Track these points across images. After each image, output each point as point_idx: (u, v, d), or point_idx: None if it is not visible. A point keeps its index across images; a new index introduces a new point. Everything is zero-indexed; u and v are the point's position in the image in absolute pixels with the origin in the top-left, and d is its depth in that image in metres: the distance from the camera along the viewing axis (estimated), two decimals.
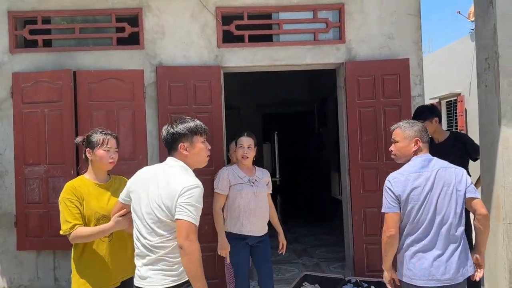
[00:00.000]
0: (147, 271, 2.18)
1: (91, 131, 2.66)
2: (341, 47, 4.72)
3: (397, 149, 2.55)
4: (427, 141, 2.52)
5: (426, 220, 2.35)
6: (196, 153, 2.29)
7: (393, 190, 2.40)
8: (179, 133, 2.26)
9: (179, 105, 4.53)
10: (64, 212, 2.44)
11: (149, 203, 2.19)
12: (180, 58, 4.62)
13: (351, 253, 4.75)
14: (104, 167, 2.59)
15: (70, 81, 4.44)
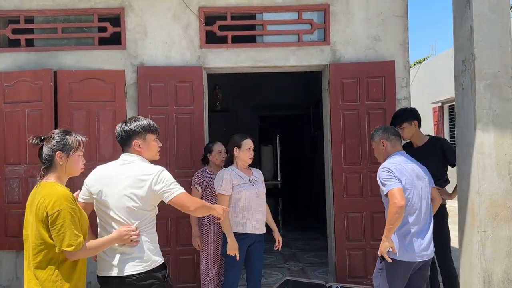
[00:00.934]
0: (121, 261, 2.33)
1: (56, 131, 2.30)
2: (325, 48, 4.64)
3: (376, 154, 3.18)
4: (392, 139, 3.04)
5: (418, 205, 2.83)
6: (148, 150, 2.50)
7: (394, 172, 2.81)
8: (134, 131, 2.47)
9: (160, 105, 4.48)
10: (69, 224, 2.11)
11: (118, 197, 2.35)
12: (162, 59, 4.58)
13: (333, 258, 4.66)
14: (75, 173, 2.32)
15: (50, 81, 4.42)
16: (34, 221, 2.15)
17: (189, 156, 4.49)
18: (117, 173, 2.41)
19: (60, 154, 2.21)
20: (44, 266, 2.13)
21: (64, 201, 2.11)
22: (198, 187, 3.85)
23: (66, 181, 2.29)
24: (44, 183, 2.21)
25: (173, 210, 4.23)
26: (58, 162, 2.21)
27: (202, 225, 3.86)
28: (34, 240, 2.14)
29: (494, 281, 2.85)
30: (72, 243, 2.09)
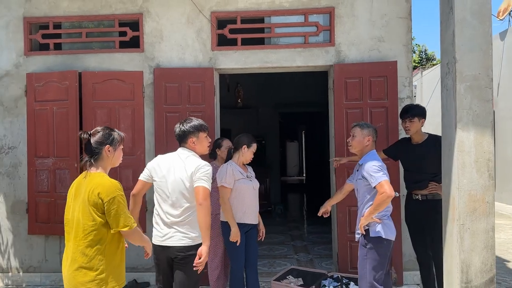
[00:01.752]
0: (172, 233, 2.94)
1: (100, 128, 2.59)
2: (330, 49, 4.86)
3: (354, 142, 3.42)
4: (375, 140, 3.44)
5: None
6: (201, 145, 3.13)
7: (382, 166, 3.21)
8: (189, 131, 3.07)
9: (174, 104, 4.83)
10: (122, 208, 2.43)
11: (175, 182, 2.94)
12: (176, 60, 4.92)
13: (336, 249, 4.89)
14: (117, 165, 2.65)
15: (75, 81, 4.85)
16: (84, 206, 2.42)
17: None
18: (178, 164, 2.99)
19: (108, 148, 2.53)
20: (94, 244, 2.41)
21: (116, 189, 2.42)
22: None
23: (108, 171, 2.59)
24: (94, 173, 2.48)
25: None
26: (106, 154, 2.53)
27: None
28: (86, 222, 2.41)
29: (472, 271, 3.02)
30: (127, 223, 2.43)
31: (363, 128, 3.38)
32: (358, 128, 3.41)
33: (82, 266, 2.41)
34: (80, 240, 2.43)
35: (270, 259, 5.92)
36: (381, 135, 4.68)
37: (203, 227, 2.87)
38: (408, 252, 4.75)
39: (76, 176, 4.75)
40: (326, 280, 4.52)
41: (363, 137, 3.36)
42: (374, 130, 3.44)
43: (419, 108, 4.01)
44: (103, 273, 2.42)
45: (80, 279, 2.41)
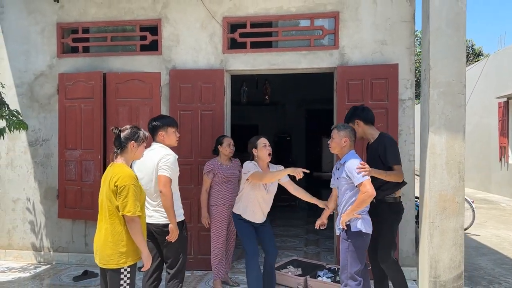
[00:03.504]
0: (153, 213, 3.47)
1: (128, 126, 2.99)
2: (334, 52, 5.07)
3: (333, 144, 3.54)
4: (353, 140, 3.52)
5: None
6: (169, 139, 3.62)
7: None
8: (159, 126, 3.60)
9: (187, 103, 5.24)
10: (131, 196, 2.76)
11: (147, 174, 3.45)
12: (190, 63, 5.32)
13: (335, 243, 5.13)
14: (138, 159, 3.09)
15: (100, 82, 5.36)
16: (108, 190, 2.81)
17: (210, 147, 5.17)
18: (147, 156, 3.40)
19: (133, 143, 2.93)
20: (117, 223, 2.81)
21: (129, 179, 2.79)
22: (208, 175, 4.54)
23: (130, 164, 3.02)
24: (116, 164, 2.90)
25: (195, 193, 5.06)
26: (130, 149, 2.93)
27: (210, 206, 4.55)
28: (109, 205, 2.81)
29: (440, 266, 3.21)
30: (131, 209, 2.75)
31: (340, 130, 3.52)
32: (336, 130, 3.56)
33: (108, 240, 2.81)
34: (107, 219, 2.84)
35: (279, 251, 6.21)
36: None
37: (165, 210, 3.38)
38: (405, 248, 4.91)
39: (99, 167, 5.32)
40: (322, 271, 4.79)
41: (340, 138, 3.50)
42: (352, 130, 3.54)
43: (349, 114, 3.88)
44: (125, 247, 2.81)
45: (107, 252, 2.81)
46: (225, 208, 4.55)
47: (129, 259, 2.84)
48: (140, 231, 2.84)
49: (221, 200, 4.54)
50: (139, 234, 2.83)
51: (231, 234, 4.70)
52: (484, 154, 14.09)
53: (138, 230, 2.82)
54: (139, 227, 2.84)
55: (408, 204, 4.93)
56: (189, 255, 5.20)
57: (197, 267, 5.21)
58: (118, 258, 2.81)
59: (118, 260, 2.81)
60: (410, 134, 4.95)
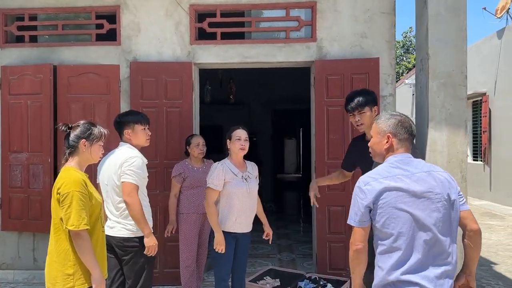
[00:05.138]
0: (115, 224, 3.00)
1: (82, 122, 2.55)
2: (312, 45, 4.73)
3: (371, 145, 2.20)
4: (404, 139, 2.08)
5: (411, 236, 1.89)
6: (136, 137, 3.14)
7: (363, 198, 1.97)
8: (124, 122, 3.13)
9: (150, 99, 4.71)
10: (76, 205, 2.30)
11: (110, 178, 2.99)
12: (154, 54, 4.80)
13: (315, 250, 4.78)
14: (94, 161, 2.57)
15: (50, 75, 4.73)
16: (53, 200, 2.39)
17: (177, 148, 4.70)
18: (109, 158, 3.06)
19: (84, 142, 2.47)
20: (63, 239, 2.35)
21: (74, 185, 2.31)
22: (177, 178, 4.06)
23: (85, 167, 2.53)
24: (65, 167, 2.44)
25: (161, 199, 4.54)
26: (81, 149, 2.46)
27: (179, 214, 4.07)
28: (54, 217, 2.38)
29: None
30: (74, 222, 2.27)
31: (380, 123, 2.19)
32: (375, 123, 2.26)
33: (53, 260, 2.38)
34: (53, 235, 2.40)
35: (252, 259, 5.81)
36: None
37: (136, 222, 2.94)
38: None
39: (49, 172, 4.69)
40: (303, 282, 4.41)
41: (381, 136, 2.17)
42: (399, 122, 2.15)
43: (367, 94, 3.04)
44: (72, 268, 2.35)
45: (53, 273, 2.38)
46: (196, 216, 4.08)
47: (78, 282, 2.34)
48: (88, 248, 2.33)
49: (192, 207, 4.07)
50: (87, 252, 2.33)
51: (202, 244, 4.24)
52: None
53: (86, 248, 2.32)
54: (87, 244, 2.33)
55: None
56: (155, 269, 4.67)
57: (164, 281, 4.69)
58: (64, 281, 2.33)
59: (64, 284, 2.33)
60: None
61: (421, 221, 1.88)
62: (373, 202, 1.94)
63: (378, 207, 1.92)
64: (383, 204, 1.92)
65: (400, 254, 1.88)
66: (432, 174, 1.97)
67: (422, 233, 1.88)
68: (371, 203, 1.94)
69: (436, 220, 1.89)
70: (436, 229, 1.89)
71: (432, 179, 1.95)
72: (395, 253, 1.89)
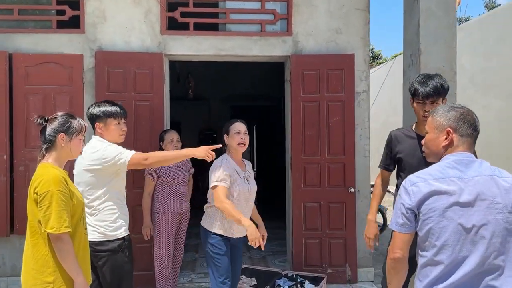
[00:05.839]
0: (88, 226, 2.61)
1: (60, 114, 2.32)
2: (287, 39, 4.65)
3: (425, 143, 1.90)
4: (468, 135, 1.77)
5: (458, 250, 1.64)
6: (108, 133, 2.80)
7: (408, 201, 1.72)
8: (96, 115, 2.79)
9: (118, 92, 4.42)
10: (57, 206, 2.08)
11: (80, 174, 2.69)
12: (121, 44, 4.51)
13: (290, 247, 4.72)
14: (74, 156, 2.35)
15: (5, 64, 4.30)
16: (29, 201, 2.15)
17: (148, 143, 4.45)
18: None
19: (62, 136, 2.25)
20: (41, 243, 2.13)
21: (53, 183, 2.09)
22: (151, 176, 3.83)
23: (64, 163, 2.31)
24: (42, 164, 2.22)
25: (132, 198, 4.27)
26: (59, 143, 2.24)
27: (154, 214, 3.85)
28: (31, 219, 2.15)
29: None
30: (54, 225, 2.06)
31: (437, 116, 1.86)
32: (431, 117, 1.91)
33: (30, 267, 2.15)
34: (29, 239, 2.17)
35: None
36: (337, 130, 4.56)
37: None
38: (362, 249, 4.67)
39: (4, 170, 4.27)
40: (281, 280, 4.34)
41: (439, 132, 1.84)
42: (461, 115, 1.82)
43: (445, 81, 2.50)
44: (52, 276, 2.12)
45: (30, 281, 2.15)
46: (172, 215, 3.88)
47: None
48: (70, 253, 2.11)
49: (167, 206, 3.86)
50: (69, 257, 2.10)
51: (179, 245, 4.03)
52: None
53: (67, 252, 2.10)
54: (69, 248, 2.11)
55: (364, 202, 4.70)
56: None
57: (135, 285, 4.42)
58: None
59: None
60: (365, 128, 4.72)
61: (472, 233, 1.60)
62: (417, 207, 1.68)
63: (423, 213, 1.67)
64: (429, 210, 1.65)
65: (442, 268, 1.63)
66: (495, 180, 1.66)
67: (471, 248, 1.60)
68: (416, 207, 1.68)
69: (492, 234, 1.60)
70: (490, 244, 1.60)
71: (494, 185, 1.65)
72: (437, 267, 1.64)
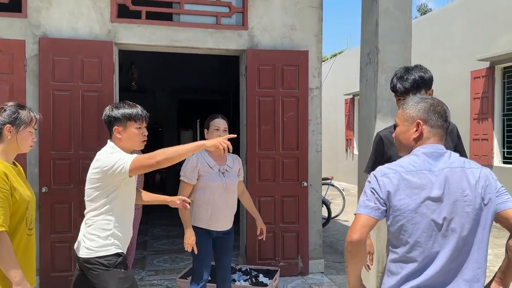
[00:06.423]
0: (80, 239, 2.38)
1: (10, 104, 2.16)
2: (243, 33, 4.63)
3: (395, 136, 1.83)
4: (438, 126, 1.72)
5: (430, 246, 1.60)
6: (128, 138, 2.40)
7: (376, 189, 1.65)
8: (114, 117, 2.39)
9: (64, 81, 4.16)
10: None
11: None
12: (68, 31, 4.24)
13: (244, 241, 4.73)
14: (23, 150, 2.18)
15: None
16: None
17: (96, 137, 4.24)
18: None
19: (9, 128, 2.09)
20: None
21: None
22: None
23: (13, 157, 2.16)
24: None
25: (76, 194, 4.05)
26: (6, 135, 2.09)
27: None
28: None
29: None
30: None
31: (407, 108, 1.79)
32: (401, 109, 1.86)
33: None
34: None
35: (172, 254, 5.56)
36: (291, 125, 4.62)
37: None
38: (313, 241, 4.78)
39: None
40: (235, 274, 4.33)
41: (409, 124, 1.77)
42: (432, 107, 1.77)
43: (426, 72, 2.33)
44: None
45: None
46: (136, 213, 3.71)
47: None
48: (7, 253, 1.96)
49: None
50: (6, 257, 1.95)
51: (131, 243, 3.87)
52: (332, 146, 15.39)
53: (4, 252, 1.95)
54: (6, 248, 1.96)
55: (315, 196, 4.82)
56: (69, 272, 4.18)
57: None
58: None
59: None
60: (318, 124, 4.82)
61: (443, 228, 1.58)
62: (387, 199, 1.62)
63: (395, 208, 1.60)
64: (401, 206, 1.60)
65: (415, 265, 1.59)
66: (465, 171, 1.64)
67: (443, 242, 1.58)
68: (386, 198, 1.62)
69: (462, 227, 1.59)
70: (462, 238, 1.59)
71: (463, 177, 1.62)
72: (409, 264, 1.59)
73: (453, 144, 2.30)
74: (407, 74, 2.30)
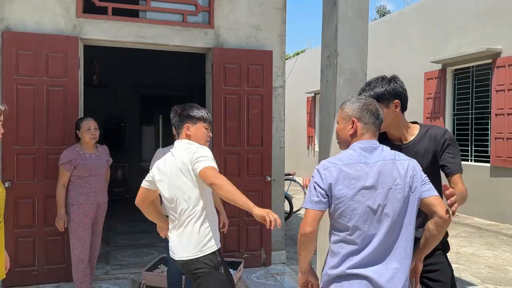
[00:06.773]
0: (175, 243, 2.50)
1: None
2: (209, 32, 4.74)
3: (336, 133, 2.05)
4: (371, 123, 1.91)
5: (367, 229, 1.80)
6: (196, 135, 2.55)
7: (321, 183, 1.84)
8: (189, 115, 2.54)
9: (28, 75, 4.14)
10: None
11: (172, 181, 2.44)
12: (32, 25, 4.20)
13: None
14: None
15: None
16: None
17: (61, 132, 4.24)
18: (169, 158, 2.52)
19: None
20: None
21: None
22: (66, 166, 3.66)
23: None
24: None
25: (40, 189, 4.06)
26: None
27: (69, 205, 3.70)
28: None
29: None
30: None
31: (345, 107, 2.00)
32: (341, 108, 2.05)
33: None
34: None
35: (136, 249, 5.60)
36: (256, 122, 4.79)
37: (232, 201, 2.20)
38: (275, 233, 4.98)
39: None
40: None
41: (346, 121, 1.99)
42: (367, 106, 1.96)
43: (388, 83, 2.24)
44: None
45: None
46: (89, 206, 3.75)
47: None
48: None
49: (83, 198, 3.72)
50: None
51: (96, 238, 3.92)
52: (294, 143, 15.72)
53: None
54: None
55: (278, 190, 5.02)
56: (33, 267, 4.18)
57: (46, 279, 4.21)
58: None
59: None
60: (281, 121, 5.02)
61: (378, 213, 1.79)
62: (329, 189, 1.81)
63: (336, 197, 1.80)
64: (341, 195, 1.80)
65: (355, 246, 1.80)
66: (395, 163, 1.85)
67: (378, 226, 1.79)
68: (328, 189, 1.81)
69: (394, 212, 1.80)
70: (394, 221, 1.80)
71: (394, 168, 1.83)
72: (349, 246, 1.81)
73: (433, 148, 2.22)
74: (364, 87, 2.33)
